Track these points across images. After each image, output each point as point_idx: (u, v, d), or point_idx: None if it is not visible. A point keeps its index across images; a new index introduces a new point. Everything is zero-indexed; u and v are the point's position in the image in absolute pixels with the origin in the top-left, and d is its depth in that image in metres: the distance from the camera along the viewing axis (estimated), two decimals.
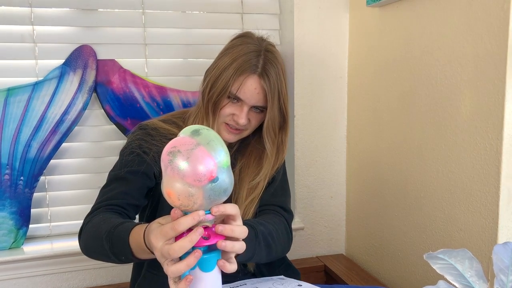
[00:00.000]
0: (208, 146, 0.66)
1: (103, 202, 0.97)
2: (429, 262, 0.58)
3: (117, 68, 1.39)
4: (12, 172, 1.32)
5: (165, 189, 0.66)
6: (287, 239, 1.05)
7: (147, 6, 1.42)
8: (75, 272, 1.39)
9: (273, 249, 0.96)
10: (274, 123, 1.03)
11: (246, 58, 1.00)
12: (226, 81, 0.99)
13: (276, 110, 1.02)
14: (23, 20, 1.32)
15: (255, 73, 1.00)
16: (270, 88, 1.00)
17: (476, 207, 1.02)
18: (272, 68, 1.01)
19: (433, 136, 1.15)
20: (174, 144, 0.65)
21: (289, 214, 1.11)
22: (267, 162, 1.07)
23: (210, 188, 0.65)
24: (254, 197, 1.06)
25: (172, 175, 0.64)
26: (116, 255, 0.85)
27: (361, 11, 1.45)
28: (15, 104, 1.31)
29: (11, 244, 1.34)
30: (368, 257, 1.51)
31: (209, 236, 0.68)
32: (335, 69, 1.54)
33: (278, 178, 1.13)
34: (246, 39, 1.05)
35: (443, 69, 1.10)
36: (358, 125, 1.51)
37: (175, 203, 0.66)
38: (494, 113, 0.96)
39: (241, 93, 1.00)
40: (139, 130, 1.05)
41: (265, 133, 1.04)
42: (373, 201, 1.45)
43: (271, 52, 1.03)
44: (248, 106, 1.02)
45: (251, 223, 0.91)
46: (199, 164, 0.64)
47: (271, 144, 1.06)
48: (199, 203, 0.65)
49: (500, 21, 0.93)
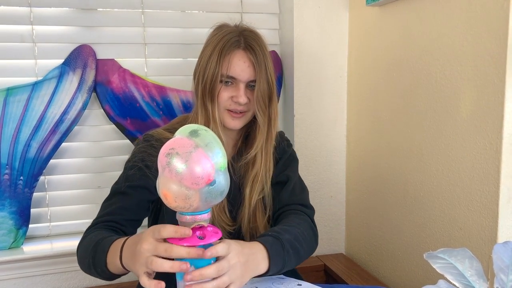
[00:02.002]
0: (207, 148, 0.65)
1: (102, 218, 0.97)
2: (429, 261, 0.58)
3: (116, 68, 1.39)
4: (11, 172, 1.32)
5: (162, 190, 0.66)
6: (313, 236, 1.04)
7: (147, 5, 1.41)
8: (74, 272, 1.39)
9: (302, 252, 0.95)
10: (263, 94, 1.02)
11: (227, 38, 1.00)
12: (214, 66, 0.99)
13: (264, 81, 1.01)
14: (23, 20, 1.32)
15: (240, 48, 1.00)
16: (257, 59, 0.99)
17: (476, 206, 1.02)
18: (254, 42, 1.01)
19: (433, 135, 1.15)
20: (172, 146, 0.65)
21: (310, 210, 1.10)
22: (260, 134, 1.06)
23: (207, 191, 0.65)
24: (256, 172, 1.06)
25: (170, 176, 0.64)
26: (95, 266, 0.86)
27: (360, 11, 1.45)
28: (14, 103, 1.30)
29: (11, 244, 1.34)
30: (368, 257, 1.51)
31: (204, 236, 0.68)
32: (334, 69, 1.54)
33: (293, 176, 1.11)
34: (221, 27, 1.05)
35: (442, 68, 1.10)
36: (358, 124, 1.51)
37: (171, 204, 0.66)
38: (493, 112, 0.96)
39: (232, 70, 0.99)
40: (143, 142, 1.04)
41: (255, 104, 1.02)
42: (373, 200, 1.45)
43: (248, 30, 1.04)
44: (244, 83, 1.01)
45: (276, 234, 0.90)
46: (197, 167, 0.64)
47: (262, 115, 1.04)
48: (196, 205, 0.65)
49: (499, 20, 0.93)
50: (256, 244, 0.85)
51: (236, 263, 0.75)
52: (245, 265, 0.77)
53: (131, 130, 1.41)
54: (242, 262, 0.77)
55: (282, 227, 0.96)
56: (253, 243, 0.85)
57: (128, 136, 1.42)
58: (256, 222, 1.08)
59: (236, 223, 1.08)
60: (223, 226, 1.05)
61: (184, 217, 0.68)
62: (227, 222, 1.06)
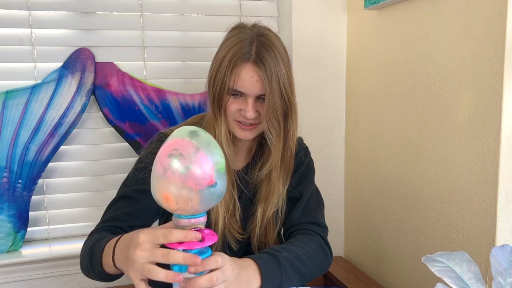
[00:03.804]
0: (207, 149, 0.65)
1: (106, 223, 0.95)
2: (427, 265, 0.58)
3: (115, 71, 1.39)
4: (10, 175, 1.31)
5: (162, 193, 0.65)
6: (323, 256, 1.00)
7: (145, 9, 1.42)
8: (73, 275, 1.39)
9: (306, 271, 0.93)
10: (275, 110, 0.94)
11: (239, 47, 0.93)
12: (222, 76, 0.93)
13: (276, 95, 0.93)
14: (22, 23, 1.32)
15: (249, 61, 0.92)
16: (266, 73, 0.92)
17: (474, 209, 1.02)
18: (266, 52, 0.92)
19: (431, 138, 1.15)
20: (174, 147, 0.64)
21: (323, 228, 1.06)
22: (274, 151, 1.00)
23: (208, 193, 0.65)
24: (271, 189, 1.02)
25: (173, 178, 0.63)
26: (92, 267, 0.85)
27: (359, 14, 1.45)
28: (13, 107, 1.30)
29: (9, 247, 1.34)
30: (366, 260, 1.51)
31: (203, 239, 0.68)
32: (333, 71, 1.54)
33: (307, 192, 1.07)
34: (237, 29, 0.98)
35: (440, 72, 1.10)
36: (356, 127, 1.52)
37: (172, 207, 0.65)
38: (491, 115, 0.96)
39: (239, 85, 0.93)
40: (157, 142, 0.99)
41: (265, 120, 0.95)
42: (371, 203, 1.45)
43: (264, 36, 0.95)
44: (253, 98, 0.94)
45: (272, 252, 0.89)
46: (200, 168, 0.63)
47: (274, 132, 0.97)
48: (195, 207, 0.65)
49: (497, 24, 0.93)
50: (247, 259, 0.85)
51: (230, 274, 0.75)
52: (237, 278, 0.77)
53: (129, 133, 1.41)
54: (236, 274, 0.77)
55: (283, 245, 0.95)
56: (244, 259, 0.85)
57: (127, 139, 1.42)
58: (267, 237, 1.06)
59: (246, 233, 1.06)
60: (233, 233, 1.03)
61: (182, 220, 0.67)
62: (237, 229, 1.04)
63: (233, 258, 0.79)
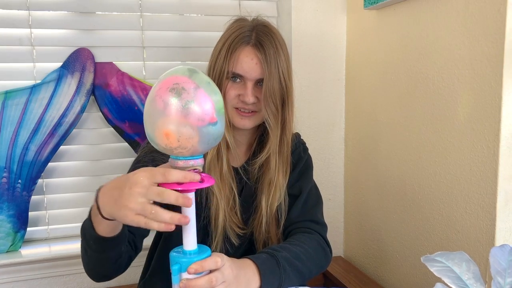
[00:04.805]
0: (208, 87, 0.64)
1: None
2: (426, 265, 0.58)
3: (115, 71, 1.39)
4: (10, 175, 1.31)
5: (162, 130, 0.62)
6: (322, 254, 1.01)
7: (145, 9, 1.42)
8: (73, 275, 1.39)
9: (305, 270, 0.93)
10: (273, 94, 0.95)
11: (239, 32, 0.95)
12: (222, 61, 0.95)
13: (274, 81, 0.94)
14: (21, 23, 1.32)
15: (249, 44, 0.95)
16: (265, 56, 0.93)
17: (473, 209, 1.02)
18: (266, 38, 0.95)
19: (431, 138, 1.15)
20: (175, 81, 0.62)
21: (321, 226, 1.06)
22: (273, 136, 0.99)
23: (207, 132, 0.63)
24: (271, 177, 1.01)
25: (175, 113, 0.60)
26: (87, 240, 0.81)
27: (358, 14, 1.45)
28: (13, 107, 1.30)
29: (9, 247, 1.34)
30: (366, 260, 1.51)
31: (203, 180, 0.66)
32: (333, 71, 1.54)
33: (306, 188, 1.07)
34: (238, 21, 1.01)
35: (440, 72, 1.10)
36: (355, 127, 1.52)
37: (172, 144, 0.63)
38: (491, 115, 0.96)
39: (239, 67, 0.94)
40: None
41: (263, 105, 0.96)
42: (371, 203, 1.45)
43: (265, 25, 0.98)
44: (252, 82, 0.95)
45: (271, 252, 0.89)
46: (203, 104, 0.61)
47: (273, 118, 0.97)
48: (195, 146, 0.63)
49: (496, 24, 0.93)
50: (246, 260, 0.85)
51: (229, 274, 0.75)
52: (236, 278, 0.77)
53: (129, 133, 1.41)
54: (235, 274, 0.77)
55: (282, 245, 0.95)
56: (242, 259, 0.85)
57: (126, 139, 1.42)
58: (270, 233, 1.06)
59: (248, 228, 1.05)
60: (233, 228, 1.02)
61: (180, 162, 0.65)
62: (237, 223, 1.03)
63: (232, 259, 0.79)
